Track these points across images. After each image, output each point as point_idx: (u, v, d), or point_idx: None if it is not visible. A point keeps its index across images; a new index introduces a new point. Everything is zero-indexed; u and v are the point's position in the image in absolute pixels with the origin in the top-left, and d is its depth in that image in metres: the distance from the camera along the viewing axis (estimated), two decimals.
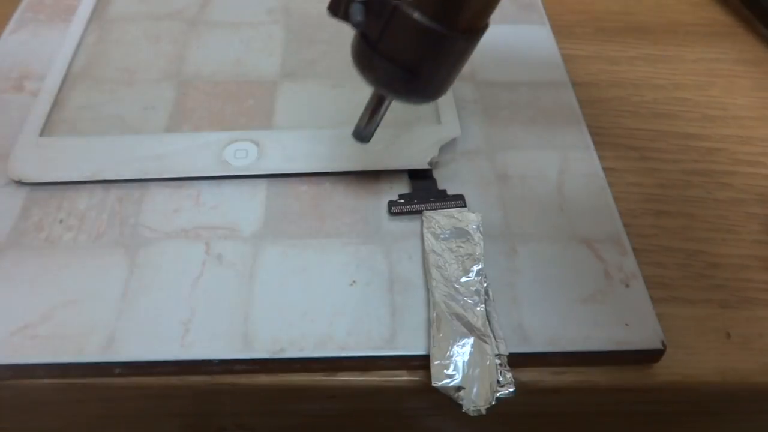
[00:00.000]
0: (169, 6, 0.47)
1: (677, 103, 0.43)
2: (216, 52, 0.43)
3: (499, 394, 0.29)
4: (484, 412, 0.28)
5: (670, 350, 0.31)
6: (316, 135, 0.38)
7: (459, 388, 0.29)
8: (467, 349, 0.30)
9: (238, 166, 0.36)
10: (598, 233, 0.34)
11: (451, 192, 0.36)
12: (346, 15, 0.29)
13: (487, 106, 0.41)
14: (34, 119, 0.38)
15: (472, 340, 0.30)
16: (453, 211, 0.35)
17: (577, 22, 0.48)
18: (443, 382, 0.29)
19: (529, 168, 0.37)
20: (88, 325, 0.30)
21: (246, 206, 0.35)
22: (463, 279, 0.32)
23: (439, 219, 0.34)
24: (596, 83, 0.44)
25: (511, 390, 0.29)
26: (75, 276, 0.32)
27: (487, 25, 0.30)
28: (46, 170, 0.36)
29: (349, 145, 0.37)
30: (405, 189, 0.36)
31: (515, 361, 0.30)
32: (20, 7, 0.46)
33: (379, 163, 0.37)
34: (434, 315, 0.30)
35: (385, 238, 0.34)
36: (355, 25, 0.29)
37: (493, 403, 0.28)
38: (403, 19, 0.28)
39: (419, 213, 0.35)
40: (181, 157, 0.37)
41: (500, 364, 0.29)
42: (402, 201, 0.35)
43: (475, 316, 0.30)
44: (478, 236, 0.33)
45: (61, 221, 0.34)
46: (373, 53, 0.29)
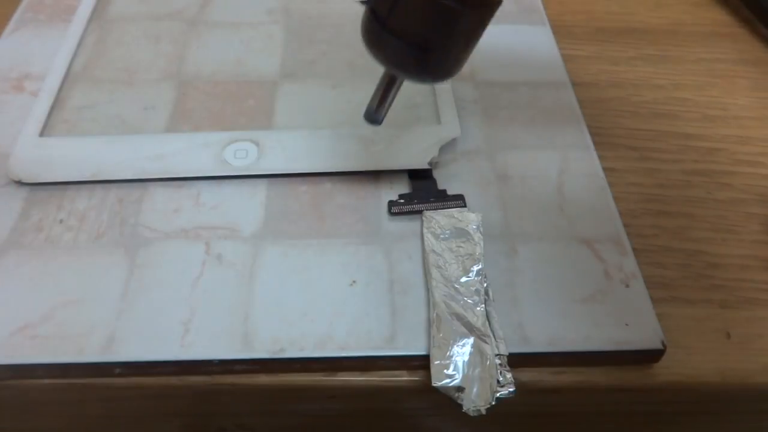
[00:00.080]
0: (169, 6, 0.47)
1: (677, 104, 0.43)
2: (216, 52, 0.43)
3: (499, 394, 0.29)
4: (484, 412, 0.28)
5: (670, 350, 0.31)
6: (316, 135, 0.38)
7: (459, 388, 0.29)
8: (467, 349, 0.30)
9: (238, 166, 0.36)
10: (598, 233, 0.34)
11: (451, 192, 0.36)
12: None
13: (487, 106, 0.41)
14: (34, 119, 0.38)
15: (472, 340, 0.30)
16: (453, 211, 0.35)
17: (577, 22, 0.48)
18: (443, 382, 0.29)
19: (529, 168, 0.37)
20: (88, 325, 0.30)
21: (246, 206, 0.35)
22: (463, 279, 0.32)
23: (439, 219, 0.34)
24: (596, 83, 0.44)
25: (511, 390, 0.29)
26: (75, 276, 0.32)
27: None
28: (46, 170, 0.36)
29: (349, 145, 0.37)
30: (405, 189, 0.36)
31: (515, 361, 0.30)
32: (20, 7, 0.46)
33: (379, 163, 0.37)
34: (434, 315, 0.30)
35: (385, 238, 0.34)
36: (364, 0, 0.28)
37: (493, 403, 0.28)
38: None
39: (419, 213, 0.35)
40: (181, 157, 0.37)
41: (500, 364, 0.29)
42: (402, 201, 0.35)
43: (475, 316, 0.30)
44: (478, 236, 0.33)
45: (61, 221, 0.34)
46: (383, 30, 0.28)
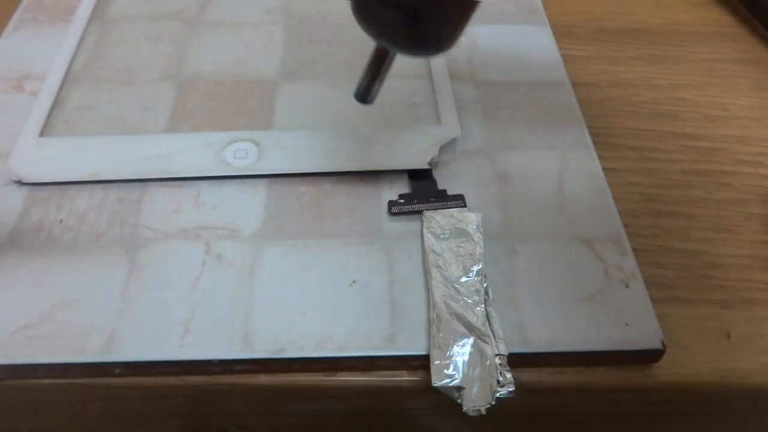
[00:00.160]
0: (169, 6, 0.47)
1: (677, 104, 0.43)
2: (216, 52, 0.43)
3: (498, 394, 0.29)
4: (483, 412, 0.28)
5: (670, 350, 0.31)
6: (316, 135, 0.38)
7: (459, 388, 0.29)
8: (467, 349, 0.30)
9: (238, 166, 0.36)
10: (598, 233, 0.34)
11: (451, 192, 0.36)
12: None
13: (487, 106, 0.41)
14: (34, 119, 0.38)
15: (472, 340, 0.30)
16: (453, 211, 0.35)
17: (577, 22, 0.48)
18: (443, 382, 0.29)
19: (529, 168, 0.37)
20: (88, 325, 0.30)
21: (246, 206, 0.35)
22: (463, 279, 0.32)
23: (439, 219, 0.34)
24: (596, 83, 0.44)
25: (511, 390, 0.29)
26: (75, 276, 0.32)
27: None
28: (46, 170, 0.36)
29: (349, 145, 0.37)
30: (405, 189, 0.36)
31: (515, 361, 0.30)
32: (20, 7, 0.46)
33: (379, 163, 0.37)
34: (434, 315, 0.30)
35: (385, 238, 0.34)
36: None
37: (493, 403, 0.28)
38: None
39: (419, 213, 0.35)
40: (181, 157, 0.37)
41: (500, 364, 0.29)
42: (402, 201, 0.35)
43: (475, 316, 0.30)
44: (478, 236, 0.33)
45: (61, 221, 0.34)
46: (372, 0, 0.27)
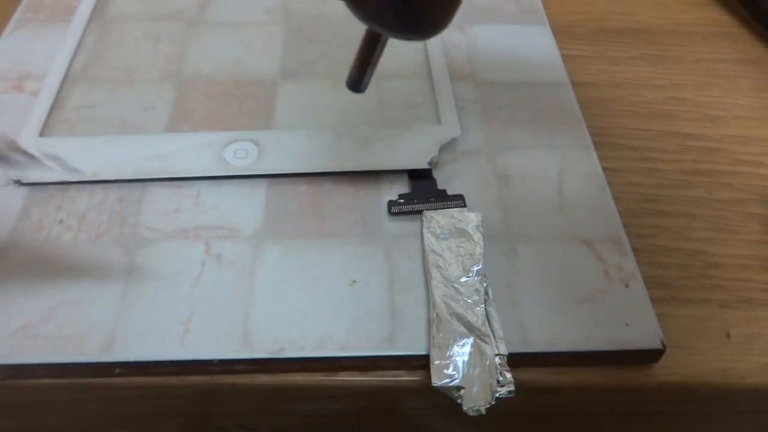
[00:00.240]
0: (169, 6, 0.47)
1: (677, 103, 0.43)
2: (216, 52, 0.43)
3: (498, 394, 0.29)
4: (483, 412, 0.28)
5: (670, 350, 0.31)
6: (316, 135, 0.38)
7: (459, 388, 0.29)
8: (467, 349, 0.30)
9: (238, 166, 0.36)
10: (598, 233, 0.34)
11: (451, 192, 0.36)
12: None
13: (487, 106, 0.41)
14: (34, 119, 0.38)
15: (471, 340, 0.30)
16: (453, 211, 0.35)
17: (577, 22, 0.48)
18: (443, 382, 0.29)
19: (529, 168, 0.37)
20: (88, 325, 0.30)
21: (246, 206, 0.35)
22: (463, 279, 0.32)
23: (439, 219, 0.34)
24: (596, 83, 0.44)
25: (511, 390, 0.29)
26: (75, 276, 0.32)
27: None
28: (46, 170, 0.36)
29: (349, 145, 0.37)
30: (405, 189, 0.36)
31: (515, 361, 0.30)
32: (20, 7, 0.46)
33: (379, 163, 0.37)
34: (434, 315, 0.30)
35: (385, 238, 0.34)
36: None
37: (493, 403, 0.28)
38: None
39: (419, 213, 0.35)
40: (181, 157, 0.37)
41: (500, 364, 0.29)
42: (402, 201, 0.35)
43: (475, 316, 0.30)
44: (478, 236, 0.33)
45: (61, 221, 0.34)
46: None
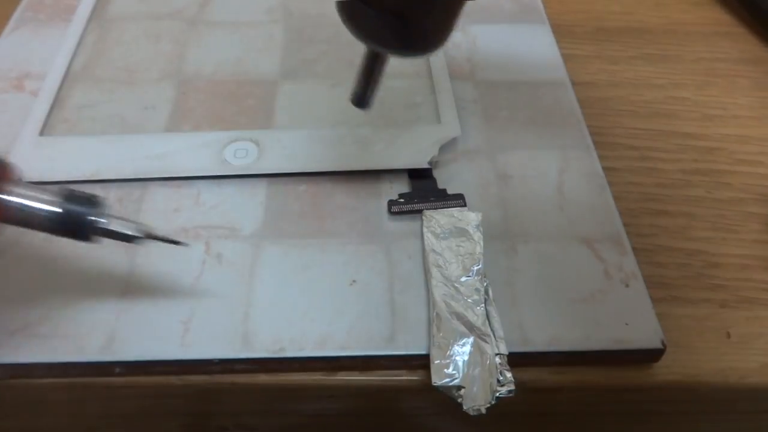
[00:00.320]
0: (169, 6, 0.47)
1: (677, 103, 0.43)
2: (216, 52, 0.43)
3: (498, 394, 0.29)
4: (484, 412, 0.28)
5: (670, 350, 0.31)
6: (316, 135, 0.38)
7: (459, 388, 0.29)
8: (467, 348, 0.30)
9: (238, 166, 0.36)
10: (598, 233, 0.34)
11: (451, 191, 0.36)
12: None
13: (487, 106, 0.41)
14: (34, 119, 0.38)
15: (472, 340, 0.30)
16: (453, 211, 0.35)
17: (576, 21, 0.48)
18: (443, 382, 0.29)
19: (529, 167, 0.37)
20: (88, 325, 0.30)
21: (246, 206, 0.35)
22: (463, 278, 0.32)
23: (439, 218, 0.34)
24: (596, 83, 0.44)
25: (511, 389, 0.29)
26: (75, 276, 0.32)
27: None
28: (46, 170, 0.36)
29: (349, 144, 0.37)
30: (405, 188, 0.36)
31: (515, 361, 0.30)
32: (20, 7, 0.46)
33: (379, 163, 0.37)
34: (434, 314, 0.30)
35: (385, 238, 0.34)
36: None
37: (493, 403, 0.28)
38: None
39: (419, 212, 0.35)
40: (181, 157, 0.37)
41: (500, 364, 0.29)
42: (402, 200, 0.35)
43: (475, 315, 0.30)
44: (478, 235, 0.33)
45: None
46: (358, 2, 0.27)
